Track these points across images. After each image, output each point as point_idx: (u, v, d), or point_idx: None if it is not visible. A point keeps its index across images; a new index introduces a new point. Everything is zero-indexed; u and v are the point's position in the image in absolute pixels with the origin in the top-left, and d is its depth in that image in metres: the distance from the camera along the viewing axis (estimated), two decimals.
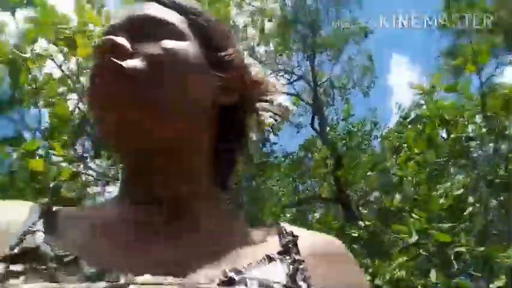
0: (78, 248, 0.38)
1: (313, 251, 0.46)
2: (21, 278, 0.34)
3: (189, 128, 0.47)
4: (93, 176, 2.81)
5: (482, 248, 2.48)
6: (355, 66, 9.35)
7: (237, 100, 0.52)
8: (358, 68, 9.34)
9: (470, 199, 2.87)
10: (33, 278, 0.34)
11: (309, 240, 0.48)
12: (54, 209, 0.45)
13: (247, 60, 0.56)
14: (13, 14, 2.27)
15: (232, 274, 0.38)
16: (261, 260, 0.41)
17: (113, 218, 0.45)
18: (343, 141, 7.25)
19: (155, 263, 0.38)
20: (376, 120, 8.18)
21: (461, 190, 2.83)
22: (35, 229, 0.39)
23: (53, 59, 2.37)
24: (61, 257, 0.36)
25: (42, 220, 0.41)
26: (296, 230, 0.50)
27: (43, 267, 0.35)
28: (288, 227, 0.50)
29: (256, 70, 0.56)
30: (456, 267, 2.51)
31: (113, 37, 0.44)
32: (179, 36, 0.47)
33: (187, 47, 0.47)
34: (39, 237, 0.38)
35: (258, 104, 0.55)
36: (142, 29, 0.46)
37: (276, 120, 0.59)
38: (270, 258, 0.42)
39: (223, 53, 0.51)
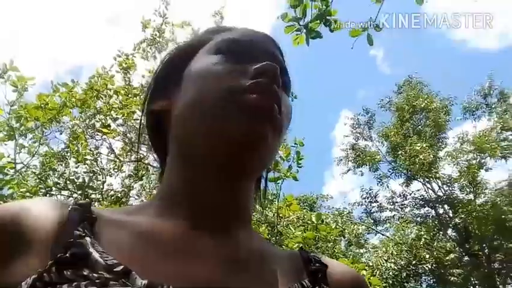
0: (126, 257, 0.37)
1: (341, 285, 0.49)
2: (74, 284, 0.33)
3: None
4: None
5: None
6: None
7: None
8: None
9: None
10: (84, 286, 0.33)
11: (337, 272, 0.50)
12: (92, 209, 0.43)
13: None
14: None
15: None
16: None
17: (160, 228, 0.44)
18: None
19: (204, 282, 0.39)
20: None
21: None
22: (83, 233, 0.38)
23: None
24: (112, 266, 0.35)
25: (86, 223, 0.40)
26: (323, 258, 0.51)
27: (95, 275, 0.34)
28: (314, 254, 0.52)
29: None
30: None
31: (277, 67, 0.47)
32: (289, 93, 0.55)
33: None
34: (89, 243, 0.37)
35: None
36: (281, 72, 0.48)
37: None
38: (303, 287, 0.45)
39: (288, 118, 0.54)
